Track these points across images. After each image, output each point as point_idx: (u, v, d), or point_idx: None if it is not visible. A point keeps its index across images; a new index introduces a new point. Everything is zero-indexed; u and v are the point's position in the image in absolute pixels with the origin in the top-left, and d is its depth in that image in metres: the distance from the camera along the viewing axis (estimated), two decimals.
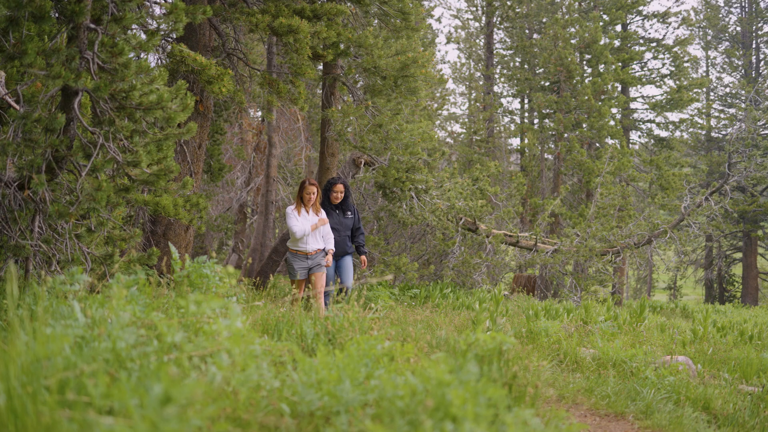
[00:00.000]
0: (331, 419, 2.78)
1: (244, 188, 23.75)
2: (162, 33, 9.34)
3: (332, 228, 9.02)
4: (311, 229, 8.49)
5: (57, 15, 5.93)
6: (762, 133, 35.79)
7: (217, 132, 14.88)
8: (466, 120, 30.58)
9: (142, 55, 7.40)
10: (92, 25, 5.95)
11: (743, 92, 37.12)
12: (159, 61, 10.74)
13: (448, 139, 29.66)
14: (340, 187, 9.27)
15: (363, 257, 9.51)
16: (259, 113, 23.18)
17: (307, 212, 8.50)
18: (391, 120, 11.67)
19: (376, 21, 13.20)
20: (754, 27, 40.68)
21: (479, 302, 11.24)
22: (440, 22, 77.14)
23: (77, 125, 6.01)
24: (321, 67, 13.42)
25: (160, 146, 6.49)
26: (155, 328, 3.09)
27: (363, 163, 13.44)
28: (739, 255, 40.40)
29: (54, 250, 6.07)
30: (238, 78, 11.76)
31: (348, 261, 9.39)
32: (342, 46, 11.10)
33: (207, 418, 2.28)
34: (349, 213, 9.46)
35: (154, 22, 8.48)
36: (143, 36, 6.88)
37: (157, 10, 9.97)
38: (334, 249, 8.80)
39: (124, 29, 6.28)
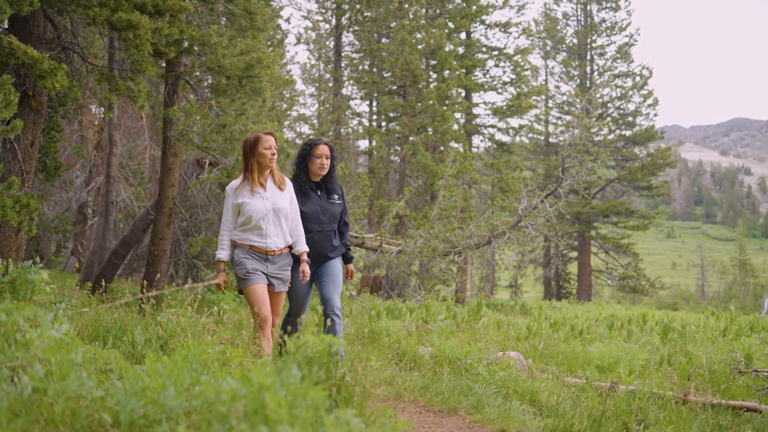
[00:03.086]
0: (153, 427, 2.73)
1: (84, 188, 22.76)
2: None
3: (311, 218, 6.07)
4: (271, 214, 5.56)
5: None
6: (595, 140, 38.04)
7: (54, 129, 14.17)
8: (315, 122, 30.65)
9: None
10: None
11: (578, 101, 39.30)
12: None
13: (298, 140, 29.60)
14: (324, 149, 6.14)
15: (350, 267, 6.51)
16: (101, 110, 22.29)
17: (263, 186, 5.58)
18: (236, 120, 11.52)
19: (224, 20, 13.00)
20: (588, 39, 43.15)
21: None
22: (290, 23, 76.82)
23: None
24: (165, 64, 13.08)
25: None
26: None
27: (207, 163, 13.20)
28: (574, 254, 42.74)
29: None
30: (76, 73, 11.26)
31: (336, 267, 6.19)
32: (185, 44, 10.86)
33: None
34: (336, 196, 6.32)
35: None
36: None
37: None
38: (308, 252, 5.89)
39: None
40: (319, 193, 6.20)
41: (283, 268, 5.63)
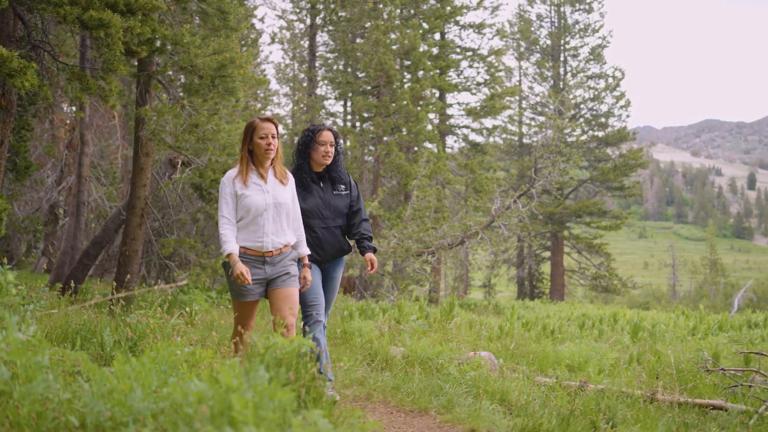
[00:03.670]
0: (120, 430, 2.72)
1: (55, 188, 22.53)
2: None
3: (312, 214, 5.51)
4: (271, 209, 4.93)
5: None
6: (568, 141, 38.33)
7: (24, 128, 14.03)
8: (290, 121, 30.57)
9: None
10: None
11: (551, 102, 39.56)
12: None
13: None
14: (328, 136, 5.57)
15: (369, 256, 5.70)
16: (73, 108, 22.08)
17: (263, 178, 4.98)
18: (209, 120, 11.47)
19: (197, 19, 12.94)
20: (562, 41, 43.45)
21: None
22: (264, 22, 76.43)
23: None
24: (137, 63, 13.00)
25: None
26: None
27: (180, 163, 13.13)
28: (547, 254, 43.01)
29: None
30: (46, 72, 11.14)
31: (336, 279, 5.80)
32: (158, 43, 10.79)
33: None
34: (342, 186, 5.73)
35: None
36: None
37: None
38: (308, 254, 5.30)
39: None
40: (322, 184, 5.61)
41: (285, 264, 5.00)
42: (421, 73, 26.26)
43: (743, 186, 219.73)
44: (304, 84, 31.17)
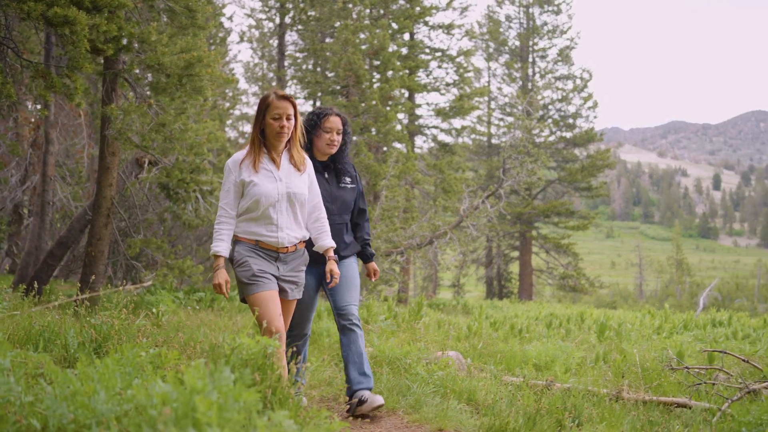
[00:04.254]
0: None
1: (20, 187, 22.21)
2: None
3: None
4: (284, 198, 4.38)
5: None
6: (536, 141, 38.60)
7: None
8: None
9: None
10: None
11: (520, 102, 39.81)
12: None
13: (240, 140, 29.37)
14: (335, 122, 5.03)
15: (373, 266, 5.40)
16: (38, 107, 21.77)
17: (275, 163, 4.41)
18: (176, 119, 11.38)
19: (165, 17, 12.83)
20: (530, 42, 43.73)
21: None
22: (232, 21, 76.02)
23: None
24: (103, 61, 12.86)
25: None
26: None
27: (147, 162, 13.01)
28: (516, 254, 43.27)
29: None
30: (10, 69, 10.98)
31: (350, 267, 5.17)
32: (124, 41, 10.68)
33: None
34: (349, 179, 5.20)
35: None
36: None
37: None
38: (332, 247, 4.65)
39: None
40: (326, 175, 5.06)
41: (297, 269, 4.48)
42: (390, 73, 26.26)
43: (708, 187, 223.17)
44: (273, 83, 31.04)
